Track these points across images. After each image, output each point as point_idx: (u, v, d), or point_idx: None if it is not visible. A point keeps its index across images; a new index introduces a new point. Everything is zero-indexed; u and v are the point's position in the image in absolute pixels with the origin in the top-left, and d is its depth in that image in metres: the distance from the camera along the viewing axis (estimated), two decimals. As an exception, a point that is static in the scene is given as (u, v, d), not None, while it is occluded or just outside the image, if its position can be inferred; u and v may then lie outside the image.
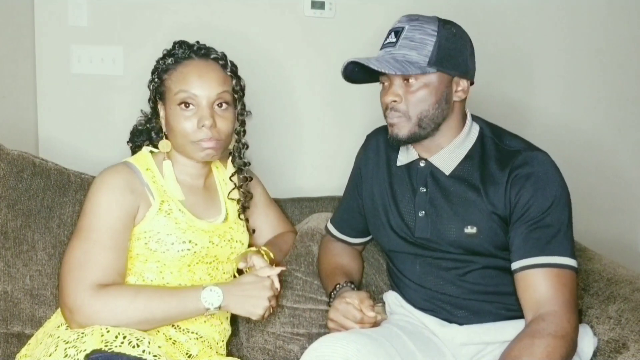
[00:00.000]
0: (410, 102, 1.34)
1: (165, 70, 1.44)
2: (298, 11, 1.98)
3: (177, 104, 1.40)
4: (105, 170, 1.41)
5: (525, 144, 1.39)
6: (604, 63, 2.18)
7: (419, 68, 1.31)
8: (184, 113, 1.40)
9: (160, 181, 1.43)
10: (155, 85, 1.46)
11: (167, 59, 1.45)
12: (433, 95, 1.34)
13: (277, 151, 2.04)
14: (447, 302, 1.41)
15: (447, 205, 1.39)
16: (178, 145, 1.44)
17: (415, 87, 1.33)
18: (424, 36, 1.33)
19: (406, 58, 1.32)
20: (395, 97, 1.34)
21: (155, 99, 1.47)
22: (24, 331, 1.56)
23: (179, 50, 1.45)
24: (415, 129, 1.35)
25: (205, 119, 1.38)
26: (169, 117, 1.43)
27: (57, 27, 1.87)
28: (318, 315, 1.59)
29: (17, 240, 1.57)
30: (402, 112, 1.35)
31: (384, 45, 1.37)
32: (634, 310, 1.40)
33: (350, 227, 1.64)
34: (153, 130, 1.52)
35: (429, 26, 1.34)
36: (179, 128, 1.40)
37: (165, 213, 1.39)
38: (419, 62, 1.31)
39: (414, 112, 1.34)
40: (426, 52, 1.32)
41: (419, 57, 1.32)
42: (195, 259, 1.41)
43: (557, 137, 2.11)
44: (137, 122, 1.55)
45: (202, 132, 1.39)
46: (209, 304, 1.32)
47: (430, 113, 1.34)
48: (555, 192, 1.32)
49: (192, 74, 1.41)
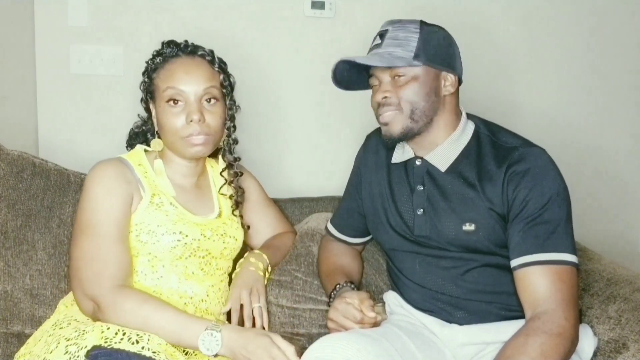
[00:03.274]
0: (401, 96, 1.36)
1: (154, 70, 1.46)
2: (298, 11, 1.98)
3: (165, 101, 1.41)
4: (98, 163, 1.42)
5: (521, 140, 1.40)
6: (603, 63, 2.18)
7: (405, 61, 1.35)
8: (172, 109, 1.41)
9: (152, 176, 1.44)
10: (145, 85, 1.48)
11: (155, 58, 1.47)
12: (422, 87, 1.36)
13: (276, 151, 2.04)
14: (447, 302, 1.41)
15: (445, 203, 1.39)
16: (169, 143, 1.45)
17: (404, 80, 1.36)
18: (408, 34, 1.37)
19: (392, 54, 1.36)
20: (385, 92, 1.37)
21: (147, 99, 1.49)
22: (24, 331, 1.56)
23: (167, 49, 1.47)
24: (408, 123, 1.37)
25: (193, 113, 1.39)
26: (159, 115, 1.44)
27: (57, 27, 1.87)
28: (318, 315, 1.59)
29: (17, 240, 1.57)
30: (395, 105, 1.37)
31: (371, 49, 1.42)
32: (634, 310, 1.40)
33: (350, 227, 1.64)
34: (149, 132, 1.53)
35: (411, 25, 1.38)
36: (168, 125, 1.41)
37: (156, 206, 1.40)
38: (404, 57, 1.35)
39: (406, 105, 1.36)
40: (411, 48, 1.35)
41: (404, 52, 1.35)
42: (187, 251, 1.41)
43: (556, 138, 2.11)
44: (133, 125, 1.56)
45: (191, 127, 1.40)
46: (205, 349, 1.27)
47: (422, 105, 1.36)
48: (553, 188, 1.32)
49: (179, 71, 1.42)
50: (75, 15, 1.87)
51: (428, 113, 1.37)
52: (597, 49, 2.16)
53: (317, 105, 2.04)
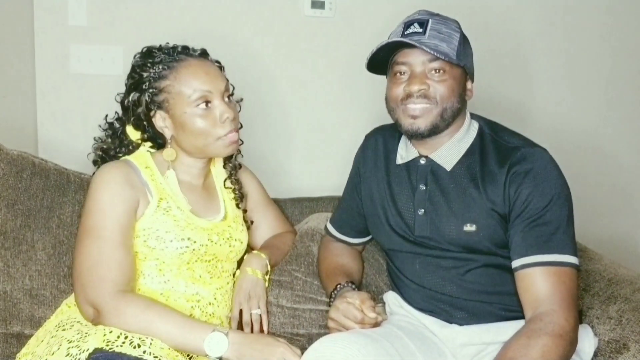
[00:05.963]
0: (439, 91, 1.33)
1: (158, 78, 1.39)
2: (298, 11, 1.98)
3: (195, 105, 1.38)
4: (104, 166, 1.41)
5: (524, 141, 1.39)
6: (603, 63, 2.18)
7: (452, 58, 1.32)
8: (205, 112, 1.38)
9: (158, 179, 1.43)
10: (151, 95, 1.40)
11: (153, 67, 1.39)
12: (457, 88, 1.35)
13: (276, 151, 2.04)
14: (447, 303, 1.40)
15: (446, 203, 1.39)
16: (197, 147, 1.42)
17: (445, 77, 1.34)
18: (450, 30, 1.35)
19: (438, 48, 1.32)
20: (423, 84, 1.33)
21: (149, 110, 1.42)
22: (24, 331, 1.56)
23: (160, 55, 1.41)
24: (438, 120, 1.35)
25: (226, 112, 1.39)
26: (181, 121, 1.39)
27: (57, 27, 1.87)
28: (318, 315, 1.59)
29: (17, 240, 1.57)
30: (431, 98, 1.33)
31: (407, 35, 1.34)
32: (635, 310, 1.40)
33: (349, 227, 1.63)
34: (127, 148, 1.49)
35: (451, 22, 1.37)
36: (200, 128, 1.38)
37: (164, 210, 1.39)
38: (449, 53, 1.32)
39: (442, 101, 1.34)
40: (453, 46, 1.34)
41: (449, 49, 1.33)
42: (195, 256, 1.41)
43: (557, 138, 2.11)
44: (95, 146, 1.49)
45: (227, 125, 1.39)
46: (210, 351, 1.28)
47: (454, 106, 1.35)
48: (554, 189, 1.32)
49: (199, 72, 1.39)
50: (75, 15, 1.87)
51: (454, 115, 1.37)
52: (604, 51, 2.16)
53: (316, 104, 2.04)
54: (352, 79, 2.02)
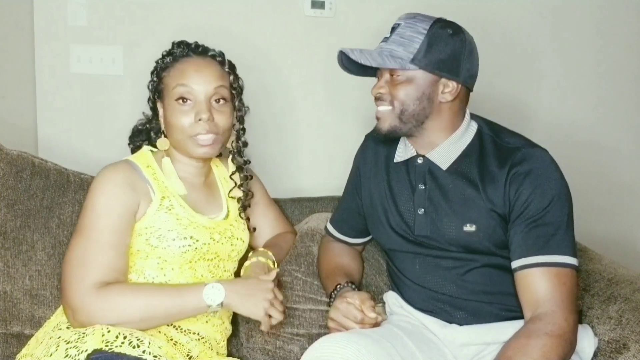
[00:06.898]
0: (393, 94, 1.37)
1: (163, 69, 1.46)
2: (298, 11, 1.98)
3: (174, 99, 1.41)
4: (106, 168, 1.41)
5: (524, 141, 1.39)
6: (604, 62, 2.18)
7: (399, 64, 1.34)
8: (182, 108, 1.41)
9: (161, 177, 1.44)
10: (154, 84, 1.48)
11: (165, 58, 1.47)
12: (415, 91, 1.36)
13: (276, 151, 2.03)
14: (447, 303, 1.41)
15: (446, 203, 1.39)
16: (176, 142, 1.44)
17: (399, 80, 1.36)
18: (414, 34, 1.35)
19: (392, 53, 1.35)
20: (380, 89, 1.39)
21: (155, 98, 1.48)
22: (24, 331, 1.56)
23: (177, 49, 1.47)
24: (396, 123, 1.38)
25: (202, 112, 1.39)
26: (167, 114, 1.44)
27: (57, 27, 1.87)
28: (318, 315, 1.59)
29: (17, 240, 1.57)
30: (387, 101, 1.38)
31: (382, 40, 1.41)
32: (635, 310, 1.40)
33: (349, 227, 1.63)
34: (152, 131, 1.53)
35: (421, 25, 1.36)
36: (176, 123, 1.41)
37: (167, 209, 1.39)
38: (402, 58, 1.34)
39: (397, 104, 1.37)
40: (412, 50, 1.34)
41: (405, 53, 1.34)
42: (197, 255, 1.41)
43: (557, 137, 2.11)
44: (137, 122, 1.56)
45: (199, 126, 1.40)
46: (210, 301, 1.32)
47: (411, 108, 1.36)
48: (555, 190, 1.32)
49: (190, 69, 1.42)
50: (75, 15, 1.87)
51: (417, 117, 1.37)
52: (605, 50, 2.16)
53: (316, 104, 2.04)
54: (352, 79, 2.01)
